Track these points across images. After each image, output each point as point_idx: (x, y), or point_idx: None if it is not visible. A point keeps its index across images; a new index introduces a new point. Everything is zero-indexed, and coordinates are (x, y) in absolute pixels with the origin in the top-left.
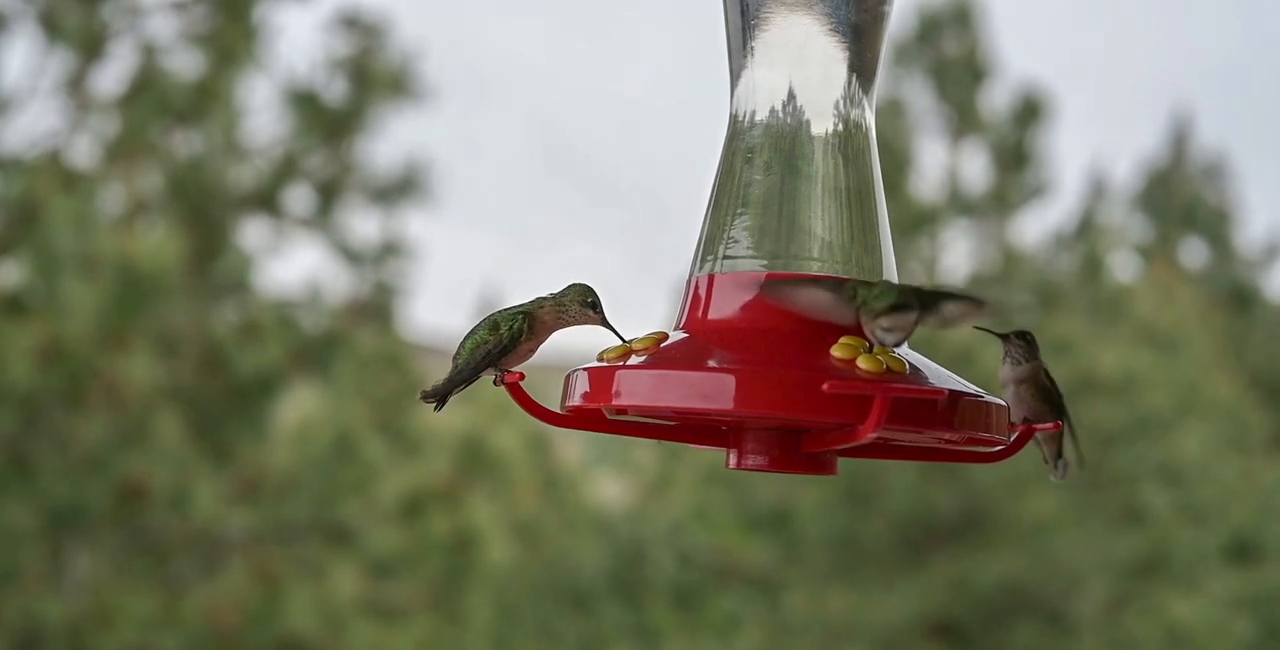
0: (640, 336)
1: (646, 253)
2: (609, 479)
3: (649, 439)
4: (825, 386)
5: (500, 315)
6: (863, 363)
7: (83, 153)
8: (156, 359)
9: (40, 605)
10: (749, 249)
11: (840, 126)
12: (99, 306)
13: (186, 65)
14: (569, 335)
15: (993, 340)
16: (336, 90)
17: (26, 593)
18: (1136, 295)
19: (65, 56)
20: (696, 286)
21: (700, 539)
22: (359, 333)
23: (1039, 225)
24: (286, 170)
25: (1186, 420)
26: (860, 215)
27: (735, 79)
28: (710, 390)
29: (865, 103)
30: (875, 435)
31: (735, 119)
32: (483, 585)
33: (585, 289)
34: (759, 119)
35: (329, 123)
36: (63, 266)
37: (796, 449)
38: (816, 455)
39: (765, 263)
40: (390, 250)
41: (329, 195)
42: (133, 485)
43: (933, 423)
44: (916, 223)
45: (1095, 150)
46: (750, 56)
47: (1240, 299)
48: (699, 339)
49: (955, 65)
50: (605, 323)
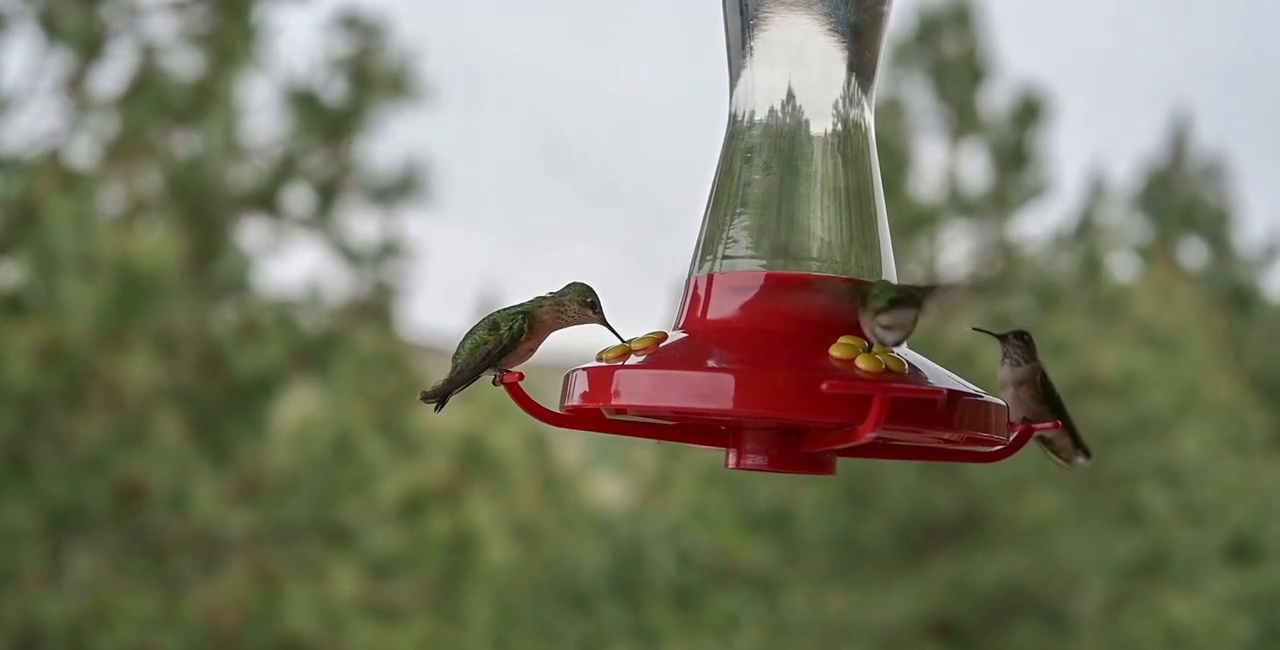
0: (639, 336)
1: (646, 253)
2: (608, 479)
3: (648, 439)
4: (824, 386)
5: (500, 315)
6: (862, 363)
7: (82, 153)
8: (156, 359)
9: (40, 605)
10: (748, 249)
11: (839, 126)
12: (98, 306)
13: (186, 65)
14: (568, 335)
15: (992, 340)
16: (336, 90)
17: (26, 593)
18: (1136, 295)
19: (65, 56)
20: (695, 286)
21: (700, 539)
22: (358, 333)
23: (1038, 225)
24: (286, 170)
25: (1186, 420)
26: (859, 215)
27: (734, 79)
28: (709, 390)
29: (864, 102)
30: (874, 435)
31: (734, 119)
32: (482, 585)
33: (584, 289)
34: (758, 119)
35: (328, 123)
36: (62, 266)
37: (796, 449)
38: (816, 455)
39: (764, 263)
40: (389, 250)
41: (328, 195)
42: (132, 485)
43: (932, 422)
44: (916, 223)
45: (1095, 150)
46: (749, 56)
47: (1240, 299)
48: (698, 339)
49: (955, 65)
50: (604, 322)
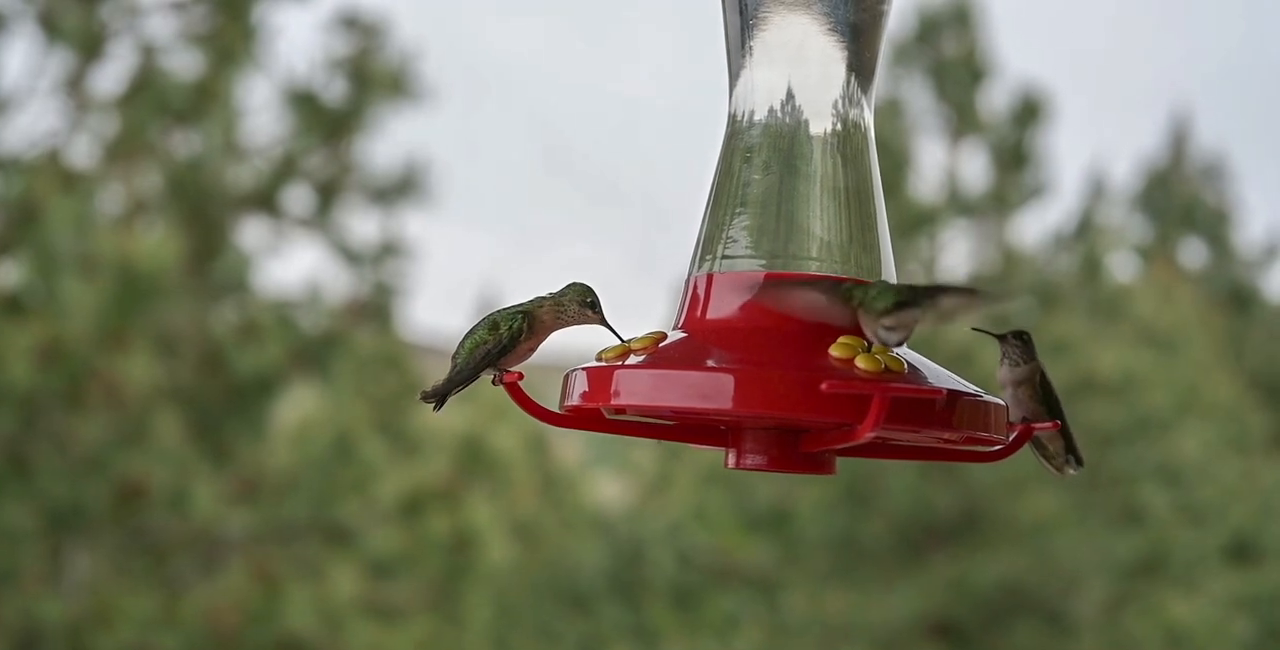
0: (639, 336)
1: (645, 252)
2: (608, 479)
3: (648, 439)
4: (823, 386)
5: (499, 315)
6: (861, 362)
7: (82, 153)
8: (156, 359)
9: (40, 605)
10: (747, 248)
11: (839, 126)
12: (98, 306)
13: (185, 65)
14: (568, 335)
15: (991, 340)
16: (336, 90)
17: (26, 593)
18: (1136, 295)
19: (64, 56)
20: (695, 286)
21: (699, 539)
22: (358, 333)
23: (1038, 225)
24: (286, 170)
25: (1186, 420)
26: (859, 215)
27: (734, 79)
28: (709, 390)
29: (864, 102)
30: (874, 435)
31: (734, 119)
32: (482, 585)
33: (584, 289)
34: (758, 119)
35: (328, 123)
36: (62, 266)
37: (795, 449)
38: (815, 455)
39: (764, 262)
40: (389, 250)
41: (328, 195)
42: (132, 485)
43: (931, 422)
44: (916, 223)
45: (1094, 150)
46: (749, 56)
47: (1239, 299)
48: (697, 339)
49: (954, 65)
50: (604, 322)
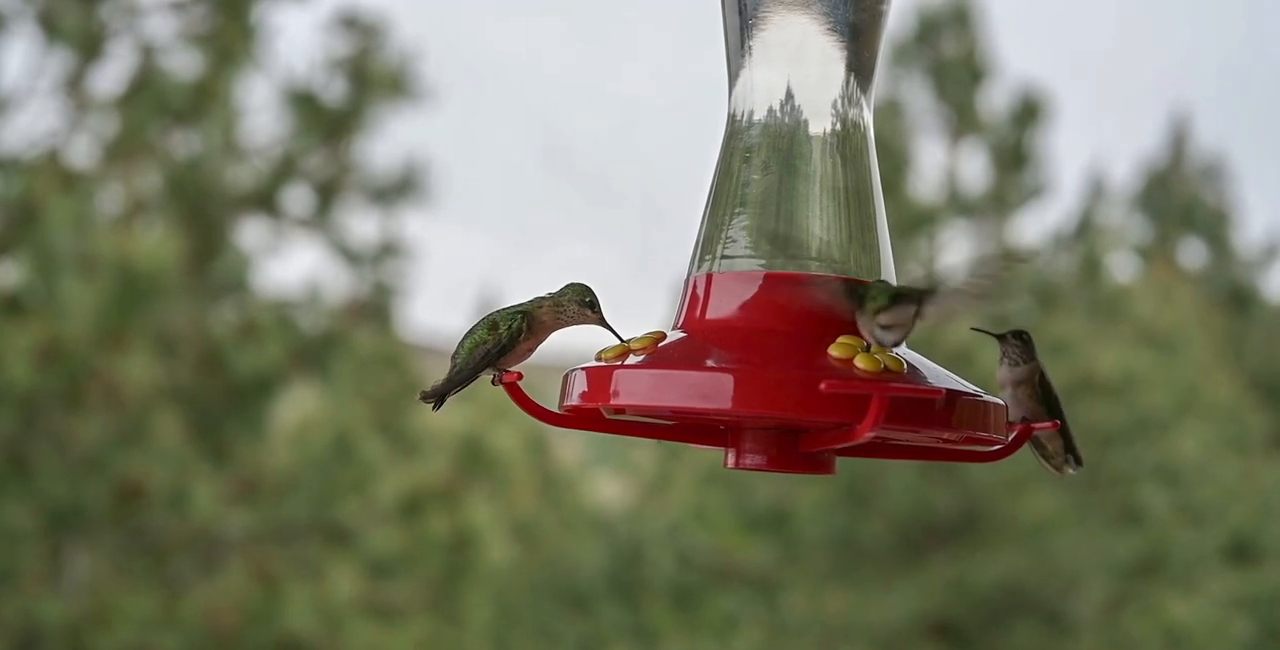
0: (638, 336)
1: (645, 253)
2: (608, 479)
3: (647, 439)
4: (823, 386)
5: (499, 315)
6: (860, 362)
7: (81, 153)
8: (155, 359)
9: (39, 605)
10: (747, 248)
11: (838, 126)
12: (98, 306)
13: (185, 65)
14: (567, 335)
15: (991, 340)
16: (335, 90)
17: (26, 593)
18: (1135, 296)
19: (64, 56)
20: (694, 286)
21: (699, 539)
22: (358, 333)
23: (1038, 226)
24: (285, 170)
25: (1185, 421)
26: (858, 215)
27: (733, 79)
28: (708, 390)
29: (863, 102)
30: (873, 434)
31: (733, 119)
32: (481, 585)
33: (583, 289)
34: (757, 119)
35: (328, 123)
36: (61, 266)
37: (794, 448)
38: (814, 455)
39: (763, 262)
40: (389, 250)
41: (328, 195)
42: (131, 485)
43: (930, 422)
44: (915, 223)
45: (1094, 151)
46: (748, 56)
47: (1239, 299)
48: (697, 339)
49: (954, 65)
50: (603, 322)
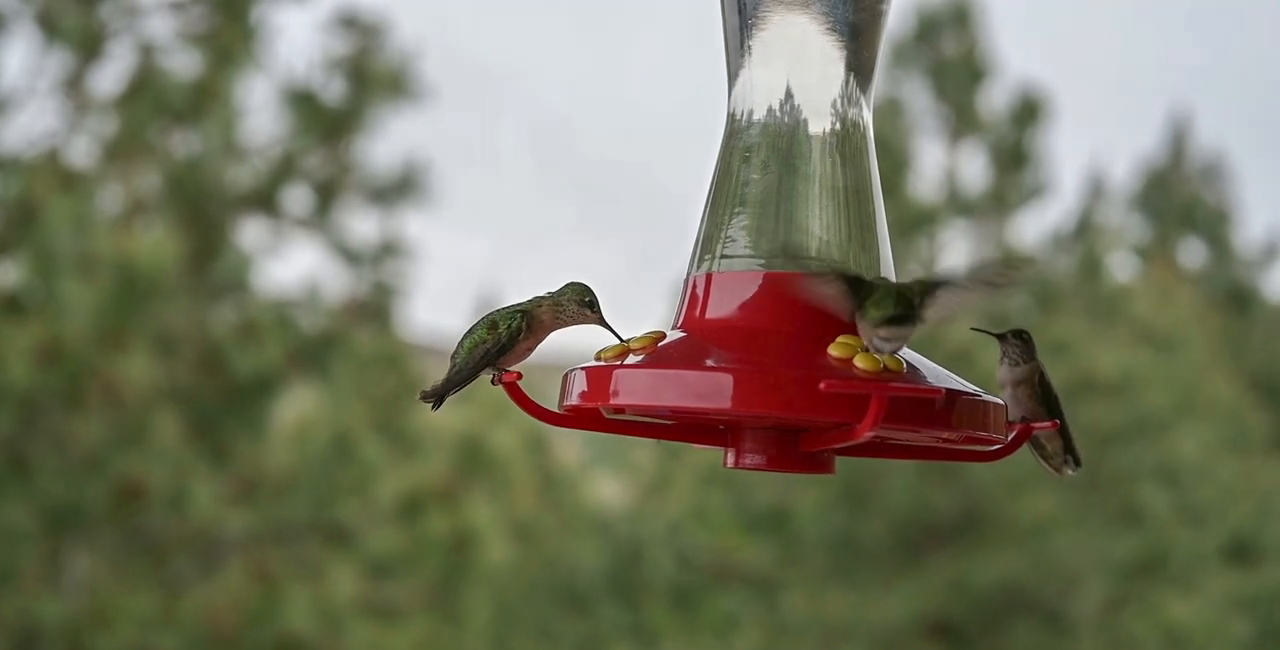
0: (638, 336)
1: (644, 252)
2: (607, 479)
3: (647, 438)
4: (822, 386)
5: (498, 314)
6: (860, 362)
7: (81, 153)
8: (155, 359)
9: (39, 605)
10: (746, 248)
11: (838, 126)
12: (97, 306)
13: (185, 65)
14: (567, 334)
15: (991, 340)
16: (335, 90)
17: (25, 593)
18: (1135, 295)
19: (63, 56)
20: (694, 286)
21: (698, 539)
22: (357, 333)
23: (1037, 225)
24: (285, 170)
25: (1185, 420)
26: (857, 214)
27: (733, 78)
28: (707, 389)
29: (863, 102)
30: (872, 434)
31: (733, 118)
32: (481, 585)
33: (583, 288)
34: (756, 118)
35: (327, 122)
36: (61, 266)
37: (794, 448)
38: (814, 454)
39: (763, 262)
40: (388, 250)
41: (327, 195)
42: (131, 485)
43: (930, 422)
44: (915, 223)
45: (1094, 150)
46: (748, 56)
47: (1239, 299)
48: (696, 338)
49: (954, 65)
50: (603, 322)
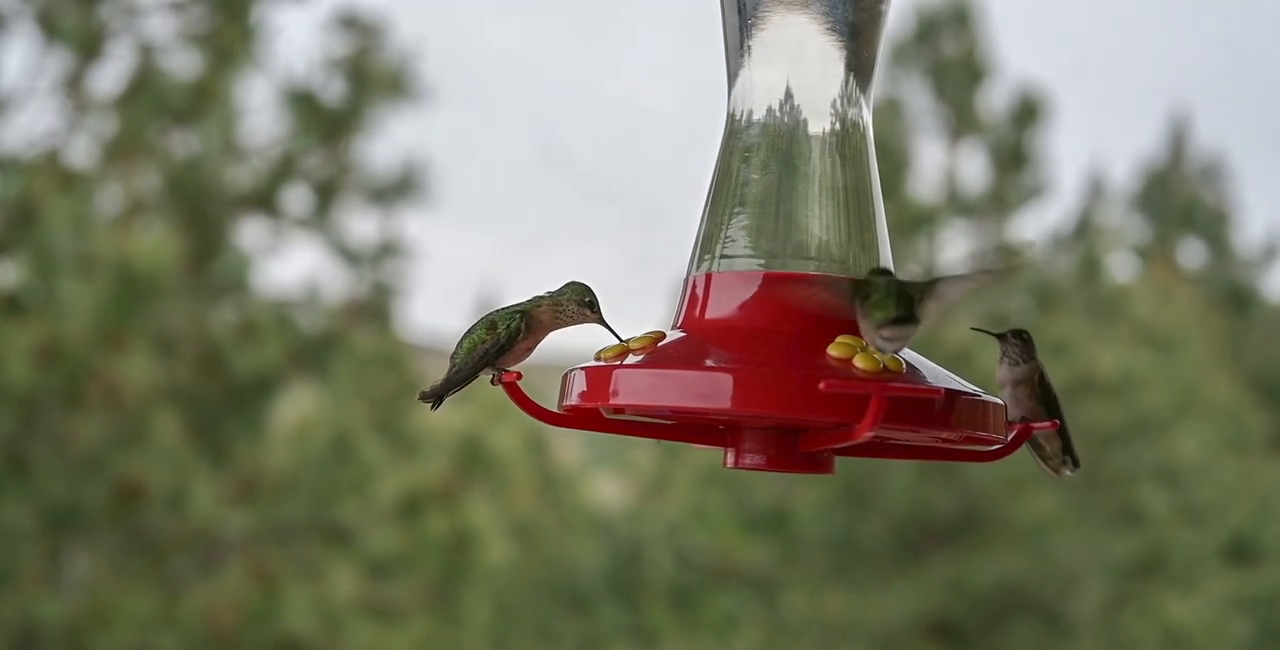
0: (637, 336)
1: (644, 252)
2: (607, 479)
3: (647, 438)
4: (822, 386)
5: (498, 314)
6: (859, 362)
7: (81, 153)
8: (154, 359)
9: (38, 605)
10: (746, 248)
11: (837, 126)
12: (97, 306)
13: (184, 65)
14: (566, 334)
15: (991, 340)
16: (334, 90)
17: (25, 593)
18: (1135, 296)
19: (63, 56)
20: (694, 286)
21: (698, 539)
22: (357, 333)
23: (1037, 226)
24: (284, 170)
25: (1184, 421)
26: (857, 214)
27: (732, 78)
28: (707, 389)
29: (862, 102)
30: (872, 434)
31: (732, 118)
32: (481, 585)
33: (582, 288)
34: (756, 118)
35: (327, 123)
36: (61, 266)
37: (794, 448)
38: (814, 454)
39: (762, 262)
40: (388, 250)
41: (327, 195)
42: (131, 485)
43: (929, 422)
44: (915, 223)
45: (1093, 151)
46: (747, 56)
47: (1238, 299)
48: (696, 338)
49: (953, 65)
50: (603, 322)
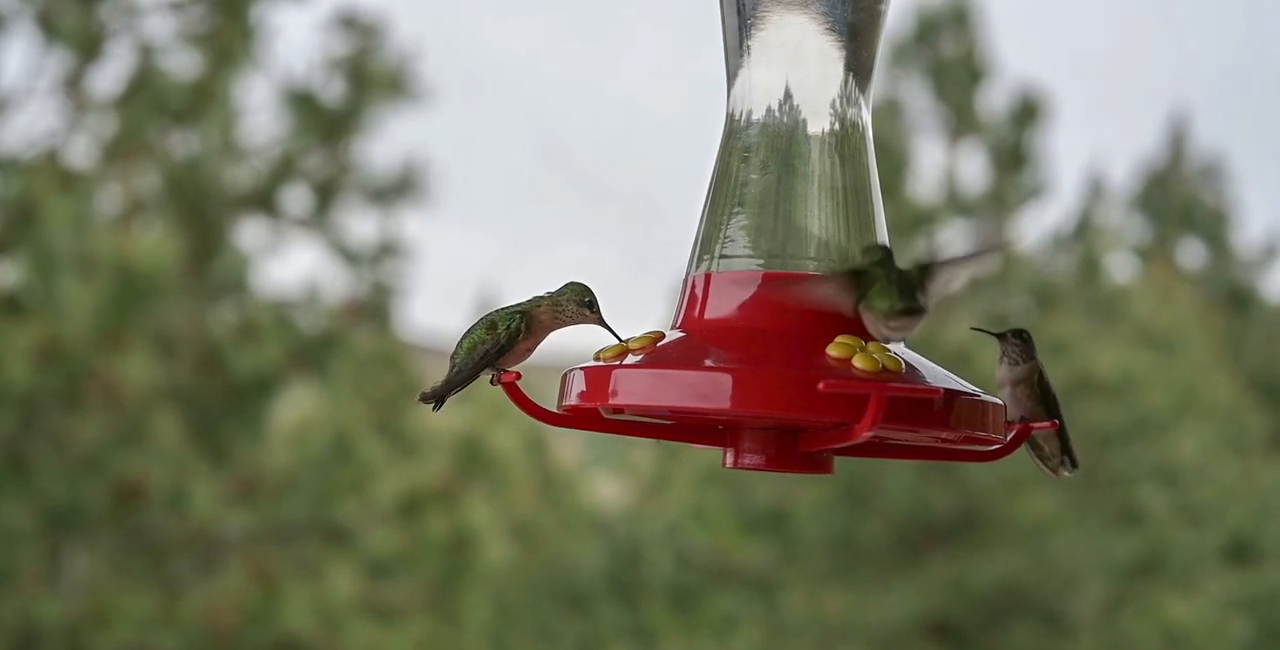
0: (637, 336)
1: (643, 252)
2: (606, 479)
3: (646, 438)
4: (821, 385)
5: (497, 315)
6: (858, 362)
7: (80, 153)
8: (154, 359)
9: (38, 605)
10: (745, 248)
11: (837, 126)
12: (96, 306)
13: (184, 65)
14: (566, 335)
15: (990, 341)
16: (334, 90)
17: (24, 593)
18: (1134, 296)
19: (63, 56)
20: (693, 286)
21: (698, 539)
22: (356, 333)
23: (1037, 226)
24: (284, 170)
25: (1184, 421)
26: (857, 214)
27: (732, 78)
28: (706, 389)
29: (862, 102)
30: (871, 434)
31: (732, 118)
32: (480, 585)
33: (582, 288)
34: (755, 118)
35: (326, 123)
36: (60, 266)
37: (793, 448)
38: (813, 454)
39: (762, 262)
40: (388, 250)
41: (326, 195)
42: (130, 485)
43: (929, 421)
44: (914, 223)
45: (1093, 151)
46: (747, 56)
47: (1238, 300)
48: (695, 338)
49: (953, 66)
50: (602, 322)
